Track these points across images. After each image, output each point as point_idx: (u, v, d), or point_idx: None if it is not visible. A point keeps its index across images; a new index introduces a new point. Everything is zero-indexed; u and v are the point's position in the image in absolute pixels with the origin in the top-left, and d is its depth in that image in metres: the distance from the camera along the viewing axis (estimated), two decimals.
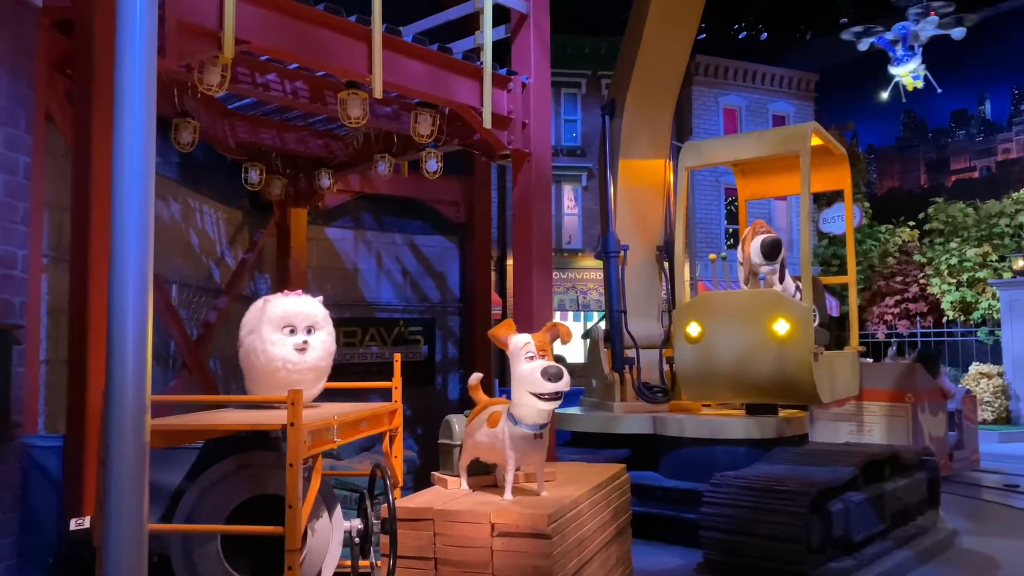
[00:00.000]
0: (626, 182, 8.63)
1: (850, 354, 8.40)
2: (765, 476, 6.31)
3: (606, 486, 5.03)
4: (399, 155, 7.04)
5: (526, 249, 6.13)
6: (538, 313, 6.07)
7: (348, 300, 8.89)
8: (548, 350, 4.35)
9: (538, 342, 4.35)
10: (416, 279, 9.37)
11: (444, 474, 4.79)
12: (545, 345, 4.36)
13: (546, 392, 4.07)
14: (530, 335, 4.44)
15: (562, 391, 4.11)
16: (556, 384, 4.07)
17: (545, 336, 4.44)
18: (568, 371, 4.25)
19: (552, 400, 4.11)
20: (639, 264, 8.72)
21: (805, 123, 7.59)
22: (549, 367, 4.11)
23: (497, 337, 4.44)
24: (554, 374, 4.07)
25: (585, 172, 21.72)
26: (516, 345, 4.37)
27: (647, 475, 7.72)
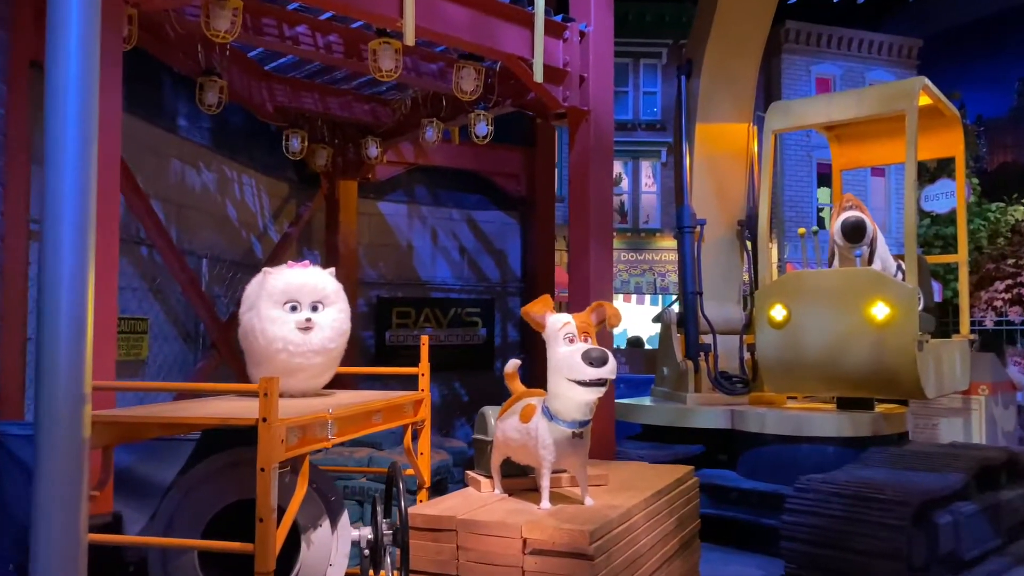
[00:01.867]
0: (704, 149, 7.83)
1: (959, 343, 7.41)
2: (859, 481, 5.49)
3: (669, 492, 4.33)
4: (448, 120, 6.44)
5: (583, 221, 5.45)
6: (595, 293, 5.39)
7: (401, 279, 8.38)
8: (591, 333, 3.68)
9: (579, 323, 3.69)
10: (474, 257, 8.78)
11: (478, 474, 4.18)
12: (588, 327, 3.69)
13: (587, 378, 3.42)
14: (570, 315, 3.78)
15: (606, 379, 3.45)
16: (599, 370, 3.41)
17: (589, 317, 3.78)
18: (614, 356, 3.57)
19: (595, 388, 3.45)
20: (718, 241, 7.91)
21: (912, 78, 6.61)
22: (591, 350, 3.46)
23: (531, 315, 3.80)
24: (597, 358, 3.41)
25: (664, 147, 20.73)
26: (554, 326, 3.72)
27: (723, 474, 6.99)
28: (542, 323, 3.81)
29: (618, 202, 20.35)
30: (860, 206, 6.52)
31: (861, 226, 6.26)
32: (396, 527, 3.36)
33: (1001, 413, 9.35)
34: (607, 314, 3.80)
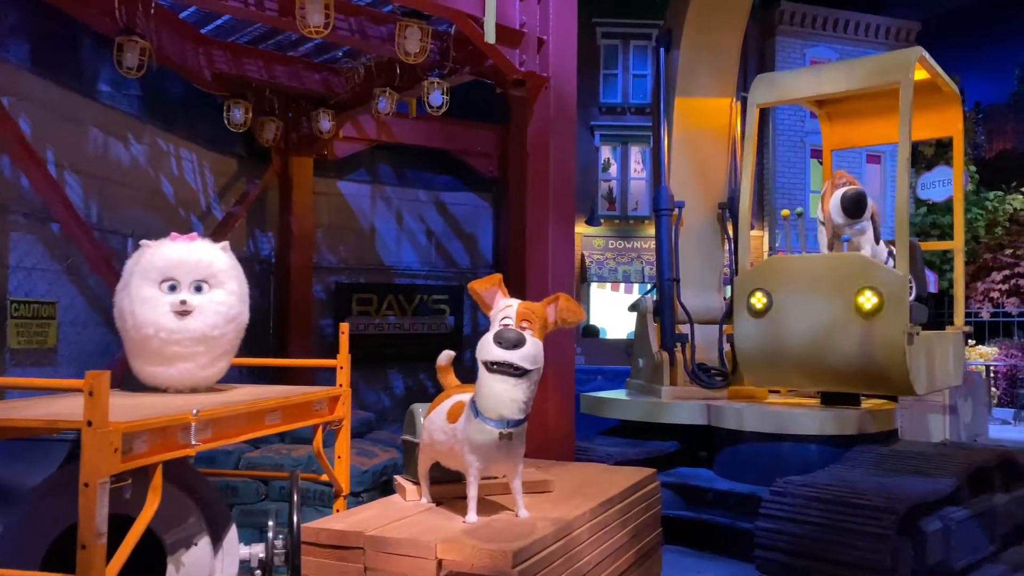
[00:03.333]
0: (683, 126, 7.33)
1: (953, 335, 6.94)
2: (841, 485, 5.04)
3: (623, 499, 3.85)
4: (403, 90, 5.94)
5: (542, 198, 4.97)
6: (556, 277, 4.91)
7: (363, 264, 7.90)
8: (539, 325, 3.19)
9: (524, 310, 3.21)
10: (442, 241, 8.29)
11: (406, 480, 3.70)
12: (533, 317, 3.20)
13: (491, 359, 2.95)
14: (520, 301, 3.30)
15: (514, 364, 2.98)
16: (506, 352, 2.95)
17: (543, 308, 3.29)
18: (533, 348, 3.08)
19: (504, 375, 2.98)
20: (698, 224, 7.42)
21: (908, 49, 6.12)
22: (505, 330, 2.99)
23: (477, 293, 3.33)
24: (508, 339, 2.95)
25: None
26: (496, 307, 3.24)
27: (699, 473, 6.55)
28: (488, 303, 3.34)
29: (606, 188, 19.86)
30: (853, 182, 6.04)
31: (862, 198, 5.77)
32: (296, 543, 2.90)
33: (962, 405, 9.14)
34: (560, 308, 3.32)
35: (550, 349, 5.05)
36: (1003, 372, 16.95)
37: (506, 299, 3.32)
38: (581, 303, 11.60)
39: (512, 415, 3.11)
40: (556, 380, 4.88)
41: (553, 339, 5.11)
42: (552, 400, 4.82)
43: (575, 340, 5.99)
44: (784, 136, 18.97)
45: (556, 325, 3.32)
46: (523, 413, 3.14)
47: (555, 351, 4.95)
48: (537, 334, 3.20)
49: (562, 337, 4.90)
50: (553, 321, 3.31)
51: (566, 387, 4.90)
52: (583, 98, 19.99)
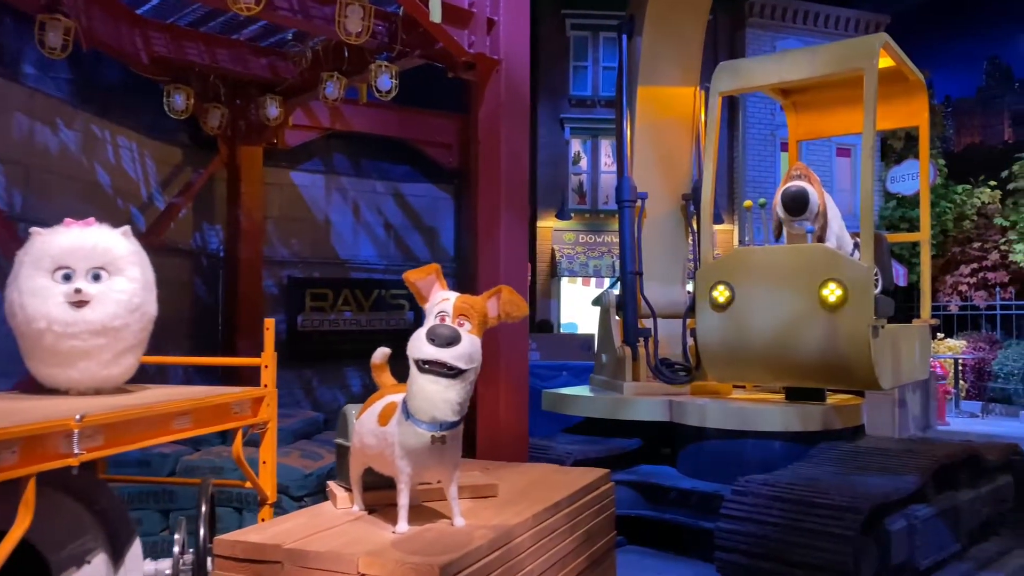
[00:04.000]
0: (647, 115, 7.14)
1: (919, 328, 6.83)
2: (804, 483, 4.89)
3: (572, 503, 3.64)
4: (352, 74, 5.68)
5: (493, 187, 4.74)
6: (508, 271, 4.69)
7: (317, 257, 7.63)
8: (475, 320, 2.96)
9: (462, 304, 2.97)
10: (401, 234, 8.04)
11: (339, 485, 3.46)
12: (472, 311, 2.97)
13: (422, 357, 2.73)
14: (458, 294, 3.07)
15: (451, 364, 2.76)
16: (438, 350, 2.72)
17: (483, 302, 3.05)
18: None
19: (436, 375, 2.75)
20: (661, 216, 7.25)
21: (872, 35, 5.96)
22: (439, 326, 2.77)
23: (413, 283, 3.09)
24: (441, 335, 2.73)
25: None
26: (432, 300, 3.01)
27: (662, 471, 6.38)
28: (425, 294, 3.11)
29: (577, 182, 19.69)
30: (809, 175, 5.90)
31: (802, 196, 5.64)
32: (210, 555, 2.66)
33: (911, 398, 9.15)
34: (502, 301, 3.09)
35: (502, 344, 4.86)
36: (971, 365, 17.01)
37: (444, 291, 3.10)
38: (551, 298, 11.48)
39: (445, 417, 2.88)
40: (508, 377, 4.66)
41: (505, 334, 4.90)
42: (504, 398, 4.61)
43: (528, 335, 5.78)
44: (754, 129, 18.90)
45: (498, 320, 3.11)
46: (458, 415, 2.92)
47: (508, 347, 4.74)
48: (476, 330, 2.98)
49: (515, 332, 4.69)
50: (495, 316, 3.09)
51: (519, 384, 4.69)
52: (553, 91, 19.88)
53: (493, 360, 4.69)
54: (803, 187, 5.77)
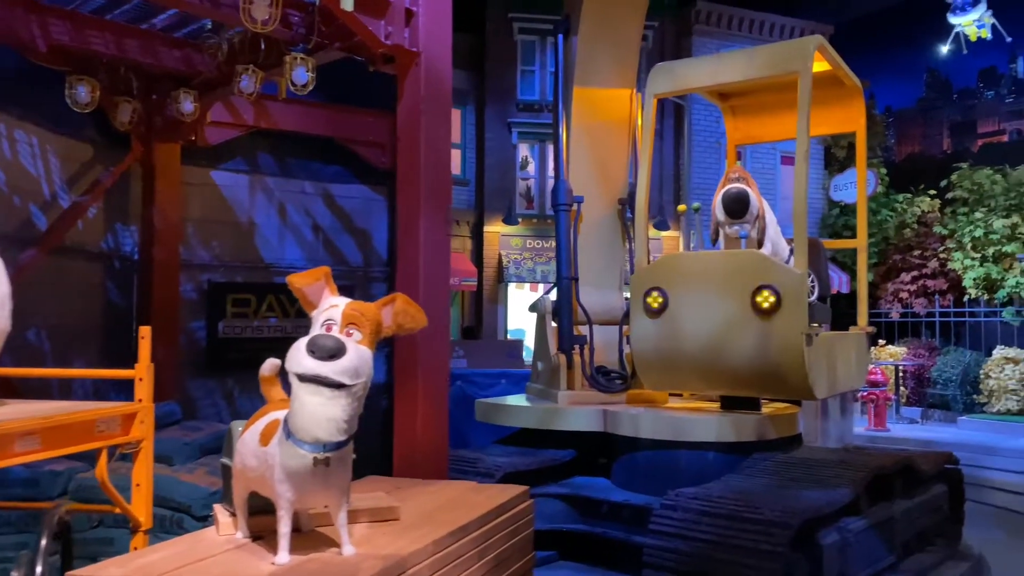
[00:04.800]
0: (582, 117, 6.97)
1: (856, 336, 6.75)
2: (734, 497, 4.71)
3: (483, 524, 3.41)
4: (269, 68, 5.38)
5: (412, 186, 4.49)
6: (428, 273, 4.44)
7: (240, 261, 7.28)
8: (367, 329, 2.72)
9: (352, 312, 2.74)
10: (331, 237, 7.73)
11: (225, 509, 3.17)
12: (363, 320, 2.73)
13: (302, 371, 2.49)
14: (349, 301, 2.83)
15: (332, 379, 2.52)
16: (320, 364, 2.49)
17: (377, 310, 2.81)
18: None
19: (316, 387, 2.51)
20: (598, 220, 7.07)
21: (807, 37, 5.87)
22: (322, 337, 2.53)
23: (297, 289, 2.84)
24: (323, 346, 2.50)
25: None
26: (321, 307, 2.78)
27: (595, 484, 6.18)
28: (313, 301, 2.86)
29: (524, 186, 19.52)
30: (747, 178, 5.77)
31: (743, 198, 5.51)
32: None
33: (832, 404, 9.26)
34: (396, 311, 2.84)
35: (421, 354, 4.60)
36: (911, 371, 17.23)
37: (334, 297, 2.84)
38: (498, 303, 11.16)
39: (330, 437, 2.63)
40: (426, 388, 4.41)
41: (424, 343, 4.64)
42: (422, 411, 4.35)
43: (450, 341, 5.54)
44: (700, 136, 18.96)
45: (393, 330, 2.87)
46: (344, 434, 2.67)
47: (426, 356, 4.48)
48: (367, 340, 2.73)
49: (434, 340, 4.43)
50: (389, 325, 2.85)
51: (438, 396, 4.44)
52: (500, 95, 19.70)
53: (410, 371, 4.44)
54: (743, 188, 5.64)
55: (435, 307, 4.44)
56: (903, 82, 23.51)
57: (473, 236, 19.33)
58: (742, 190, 5.56)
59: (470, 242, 19.24)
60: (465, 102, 19.50)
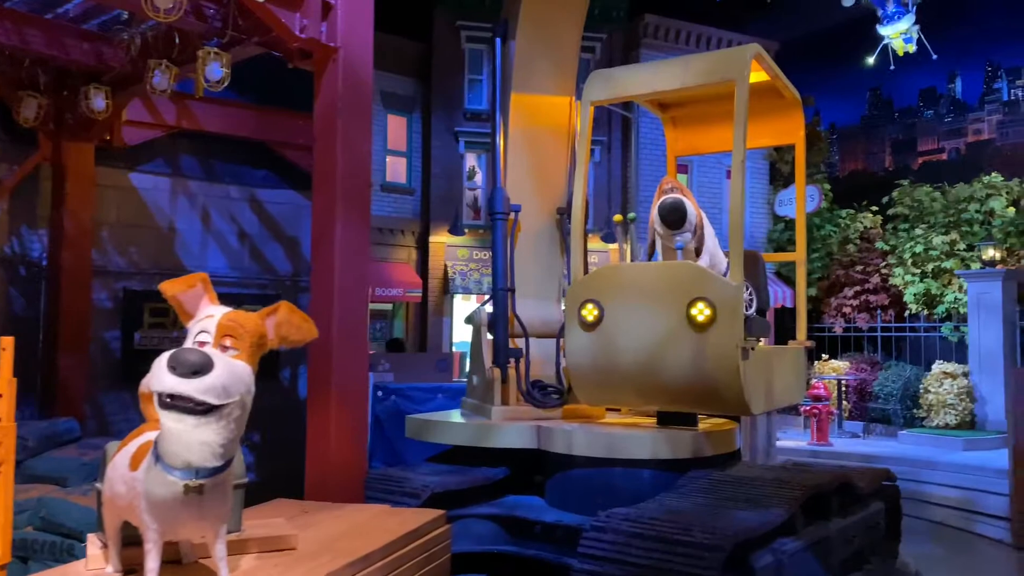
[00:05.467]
0: (520, 124, 6.77)
1: (794, 351, 6.65)
2: (666, 518, 4.52)
3: (391, 552, 3.15)
4: (183, 63, 5.07)
5: (328, 188, 4.24)
6: (344, 282, 4.17)
7: (159, 268, 6.92)
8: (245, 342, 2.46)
9: (229, 324, 2.48)
10: (258, 244, 7.41)
11: (98, 539, 2.86)
12: (242, 332, 2.48)
13: (161, 389, 2.23)
14: (227, 310, 2.56)
15: (197, 399, 2.26)
16: (180, 382, 2.23)
17: (257, 322, 2.55)
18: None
19: (179, 411, 2.25)
20: (536, 230, 6.87)
21: (744, 45, 5.77)
22: (185, 351, 2.27)
23: (174, 298, 2.57)
24: (185, 362, 2.24)
25: (599, 147, 19.85)
26: (197, 318, 2.50)
27: (528, 503, 5.95)
28: (190, 310, 2.60)
29: (471, 196, 19.30)
30: (682, 189, 5.64)
31: (680, 208, 5.38)
32: None
33: (760, 419, 9.27)
34: (279, 321, 2.58)
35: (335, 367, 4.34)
36: (853, 386, 17.38)
37: (211, 307, 2.58)
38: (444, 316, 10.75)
39: (203, 462, 2.35)
40: (341, 403, 4.14)
41: (339, 355, 4.39)
42: (336, 429, 4.08)
43: (369, 354, 5.29)
44: (647, 148, 18.97)
45: (277, 343, 2.61)
46: (220, 459, 2.40)
47: (341, 370, 4.22)
48: (246, 354, 2.47)
49: (350, 352, 4.17)
50: (272, 338, 2.60)
51: (354, 412, 4.17)
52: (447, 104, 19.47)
53: (323, 386, 4.17)
54: (679, 198, 5.52)
55: (351, 318, 4.19)
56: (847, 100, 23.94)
57: (418, 247, 19.02)
58: (678, 199, 5.43)
59: (415, 253, 18.92)
60: (411, 110, 19.23)
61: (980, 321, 15.79)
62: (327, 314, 4.02)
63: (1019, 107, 22.38)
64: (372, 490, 5.49)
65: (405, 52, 18.94)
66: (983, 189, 17.94)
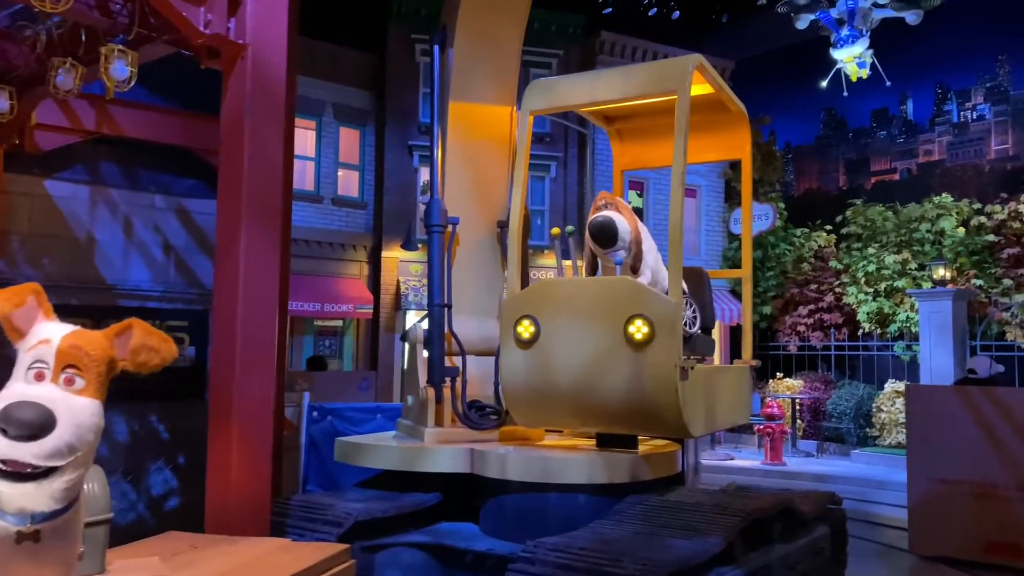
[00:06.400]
0: (459, 134, 6.55)
1: (738, 370, 6.47)
2: (596, 548, 4.27)
3: None
4: (90, 62, 4.74)
5: (233, 196, 3.94)
6: (250, 298, 3.86)
7: (75, 281, 6.53)
8: (91, 372, 2.15)
9: (71, 350, 2.17)
10: (184, 257, 7.05)
11: None
12: (87, 361, 2.18)
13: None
14: (70, 330, 2.25)
15: (33, 465, 1.96)
16: (8, 446, 1.92)
17: (104, 345, 2.25)
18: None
19: (7, 478, 1.94)
20: (475, 243, 6.63)
21: (687, 56, 5.61)
22: (16, 407, 1.95)
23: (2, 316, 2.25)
24: (23, 423, 1.91)
25: (554, 162, 19.75)
26: (28, 341, 2.19)
27: (461, 530, 5.67)
28: (22, 327, 2.28)
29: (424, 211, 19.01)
30: (617, 204, 5.46)
31: (609, 227, 5.23)
32: None
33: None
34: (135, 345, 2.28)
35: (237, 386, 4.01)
36: (807, 404, 17.37)
37: (47, 324, 2.27)
38: (396, 332, 10.27)
39: (37, 507, 2.05)
40: (244, 428, 3.82)
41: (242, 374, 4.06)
42: (237, 454, 3.75)
43: (284, 373, 4.96)
44: (603, 165, 18.91)
45: (131, 367, 2.31)
46: (60, 502, 2.09)
47: (245, 389, 3.89)
48: (92, 388, 2.16)
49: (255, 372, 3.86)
50: (124, 360, 2.29)
51: (258, 436, 3.86)
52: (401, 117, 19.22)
53: (224, 409, 3.85)
54: (609, 216, 5.34)
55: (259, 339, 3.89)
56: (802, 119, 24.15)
57: (370, 262, 18.66)
58: (607, 219, 5.26)
59: (367, 268, 18.56)
60: (364, 123, 18.92)
61: (931, 340, 15.88)
62: (230, 335, 3.71)
63: (968, 129, 22.76)
64: (293, 518, 5.17)
65: (359, 64, 18.68)
66: (934, 209, 18.14)
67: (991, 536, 7.94)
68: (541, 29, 19.79)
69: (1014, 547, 7.81)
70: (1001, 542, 7.87)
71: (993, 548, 7.93)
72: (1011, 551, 7.82)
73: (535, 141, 19.91)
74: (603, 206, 5.36)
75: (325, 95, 18.10)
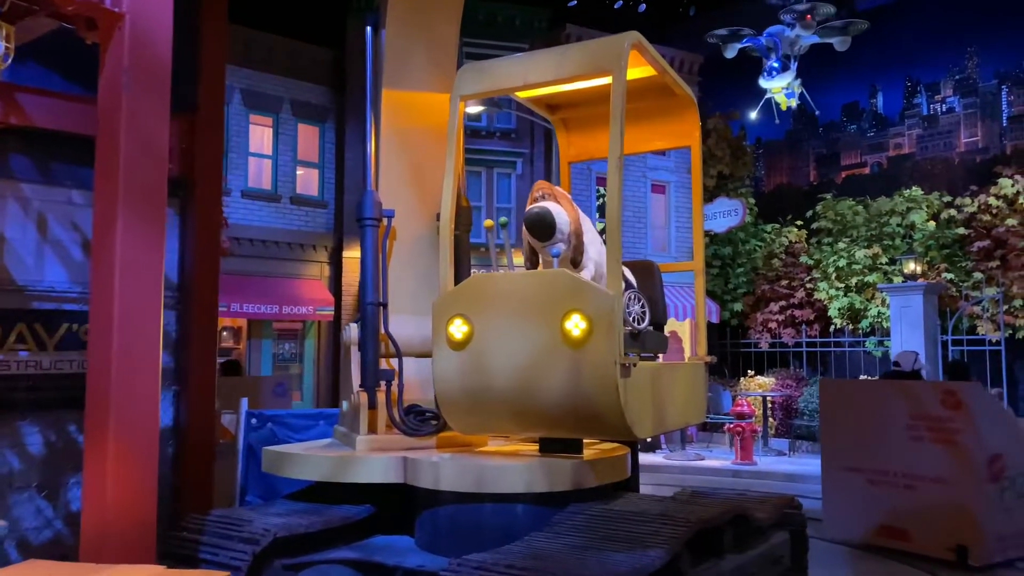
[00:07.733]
0: (394, 122, 6.17)
1: (691, 367, 6.14)
2: (525, 565, 3.91)
3: None
4: None
5: (110, 180, 3.54)
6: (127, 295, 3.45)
7: None
8: None
9: None
10: None
11: None
12: None
13: None
14: None
15: None
16: None
17: None
18: None
19: None
20: (412, 238, 6.23)
21: (623, 33, 5.22)
22: None
23: None
24: None
25: (521, 159, 19.37)
26: None
27: (396, 543, 5.30)
28: None
29: None
30: (555, 194, 5.12)
31: (544, 218, 4.90)
32: None
33: None
34: None
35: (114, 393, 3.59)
36: (779, 402, 17.11)
37: None
38: None
39: None
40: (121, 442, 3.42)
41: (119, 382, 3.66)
42: (113, 472, 3.35)
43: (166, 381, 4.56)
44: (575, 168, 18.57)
45: None
46: None
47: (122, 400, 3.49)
48: None
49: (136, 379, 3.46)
50: None
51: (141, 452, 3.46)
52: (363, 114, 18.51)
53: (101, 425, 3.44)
54: (546, 207, 5.00)
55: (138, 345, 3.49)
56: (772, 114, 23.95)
57: (331, 262, 18.17)
58: (544, 210, 4.92)
59: (328, 268, 18.06)
60: (324, 119, 18.45)
61: (903, 335, 15.68)
62: (105, 341, 3.31)
63: (938, 122, 22.65)
64: (208, 535, 4.78)
65: (317, 60, 18.21)
66: (904, 203, 17.97)
67: (883, 520, 8.51)
68: (506, 23, 19.45)
69: (903, 532, 8.37)
70: (892, 526, 8.46)
71: (884, 532, 8.53)
72: (900, 535, 8.39)
73: (501, 137, 19.61)
74: (540, 197, 5.02)
75: (283, 91, 17.63)
